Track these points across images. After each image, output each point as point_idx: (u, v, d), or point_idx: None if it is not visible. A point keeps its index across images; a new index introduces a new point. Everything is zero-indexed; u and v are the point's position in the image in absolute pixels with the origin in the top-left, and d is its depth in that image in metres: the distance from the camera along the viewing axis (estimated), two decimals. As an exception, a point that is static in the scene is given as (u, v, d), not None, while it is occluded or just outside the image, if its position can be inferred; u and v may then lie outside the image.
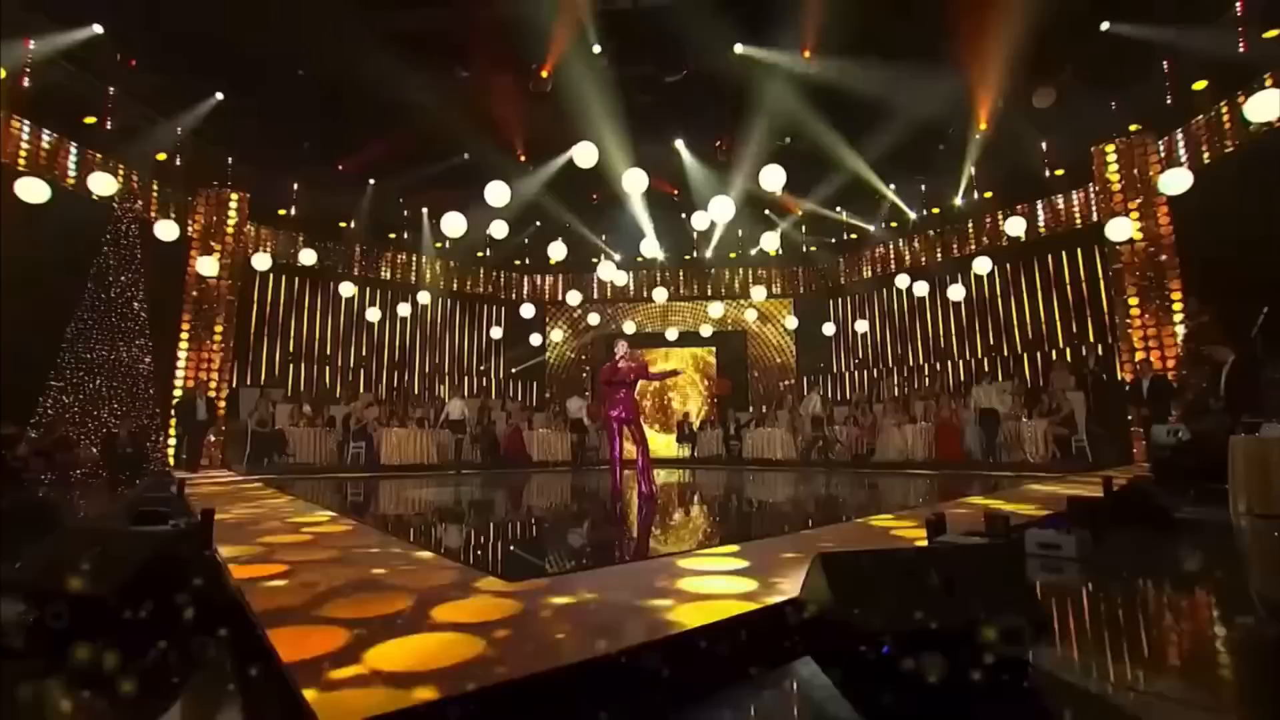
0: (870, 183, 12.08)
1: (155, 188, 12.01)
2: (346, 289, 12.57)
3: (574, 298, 12.39)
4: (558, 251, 10.67)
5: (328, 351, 14.26)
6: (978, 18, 8.96)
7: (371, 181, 13.29)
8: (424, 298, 13.15)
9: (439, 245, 14.66)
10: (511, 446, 12.28)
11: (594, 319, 13.87)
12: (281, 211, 13.59)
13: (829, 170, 11.65)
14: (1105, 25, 8.92)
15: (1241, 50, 9.09)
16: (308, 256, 12.36)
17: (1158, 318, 10.10)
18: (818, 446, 11.65)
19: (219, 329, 12.40)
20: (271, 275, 13.65)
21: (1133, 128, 10.54)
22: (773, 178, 8.32)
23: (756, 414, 13.50)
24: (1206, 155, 9.53)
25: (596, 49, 9.20)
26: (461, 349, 15.91)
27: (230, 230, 12.68)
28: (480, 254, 15.63)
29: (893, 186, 12.81)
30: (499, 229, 10.31)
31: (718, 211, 8.44)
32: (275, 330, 13.82)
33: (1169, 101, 10.12)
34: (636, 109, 10.46)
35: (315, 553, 3.41)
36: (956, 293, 11.09)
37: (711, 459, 12.96)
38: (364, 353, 14.58)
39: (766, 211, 12.99)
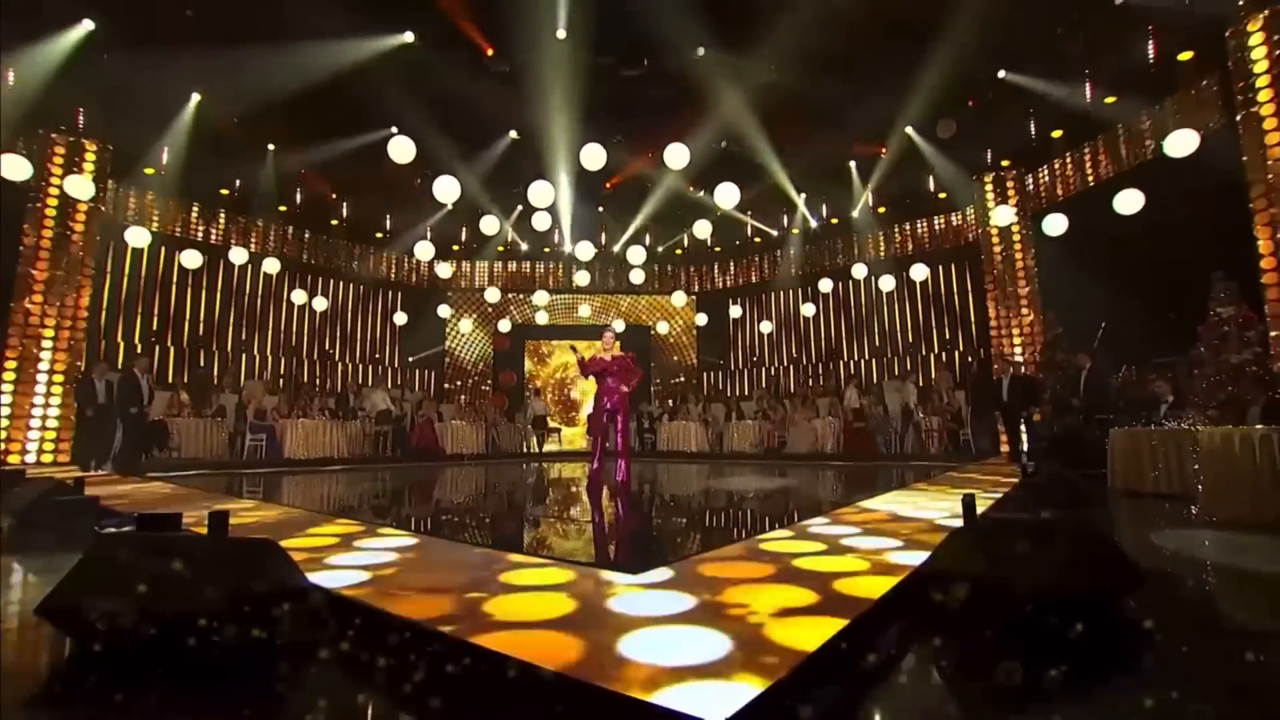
0: (783, 191, 12.89)
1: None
2: (238, 255, 11.15)
3: (492, 294, 11.98)
4: (490, 227, 10.27)
5: (200, 332, 12.74)
6: (902, 51, 9.92)
7: (271, 147, 11.99)
8: (320, 304, 12.08)
9: (335, 223, 13.60)
10: (423, 439, 11.75)
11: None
12: (149, 171, 11.88)
13: (748, 176, 12.27)
14: (1002, 73, 10.19)
15: (1089, 107, 10.88)
16: (190, 259, 10.67)
17: (1020, 327, 11.81)
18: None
19: (70, 304, 10.63)
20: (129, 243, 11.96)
21: (1004, 163, 12.20)
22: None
23: (667, 407, 13.92)
24: (1060, 191, 11.28)
25: (561, 34, 9.07)
26: (365, 335, 14.89)
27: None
28: (379, 234, 14.67)
29: (803, 196, 13.78)
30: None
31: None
32: (133, 306, 12.13)
33: (1033, 143, 11.86)
34: (584, 99, 10.46)
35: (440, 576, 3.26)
36: (889, 283, 11.89)
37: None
38: (244, 336, 13.19)
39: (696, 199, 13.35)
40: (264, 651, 2.15)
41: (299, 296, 11.46)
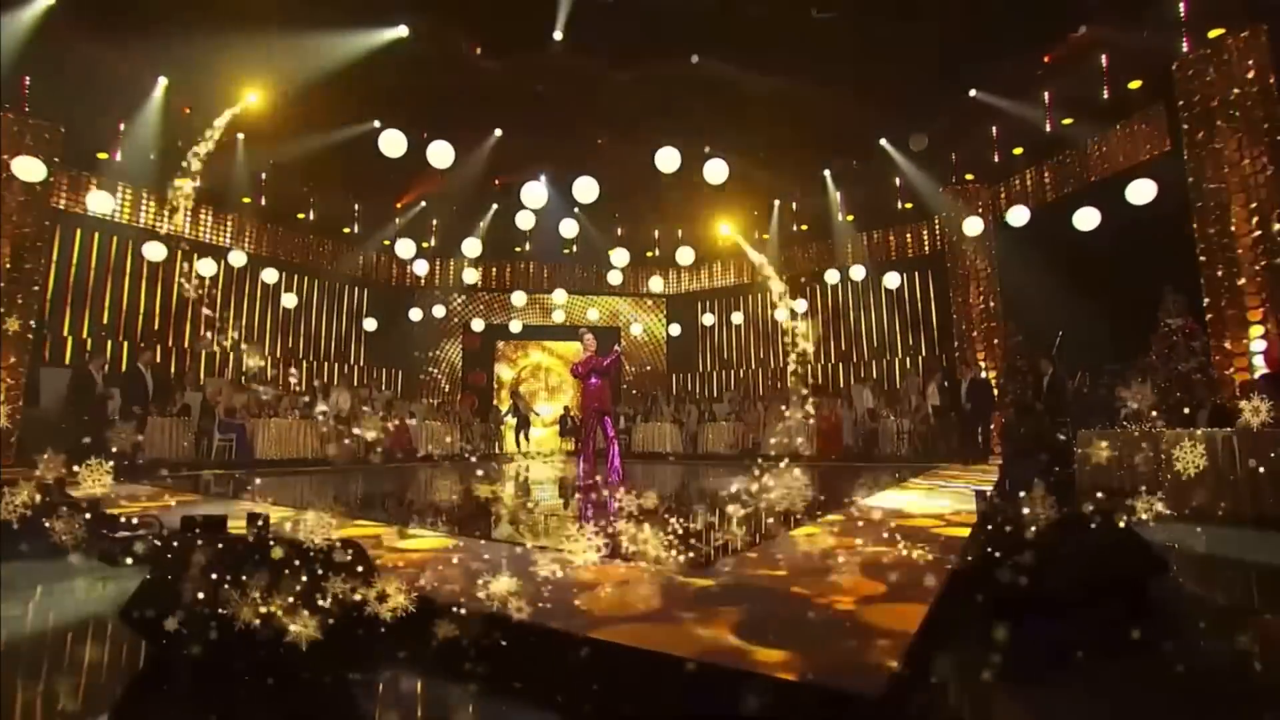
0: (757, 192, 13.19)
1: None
2: (207, 268, 10.70)
3: (470, 275, 11.86)
4: (471, 248, 10.15)
5: (155, 327, 12.14)
6: (879, 65, 10.30)
7: (241, 137, 11.52)
8: (237, 259, 11.55)
9: (301, 217, 13.19)
10: (398, 440, 11.53)
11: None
12: (103, 155, 11.25)
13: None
14: (973, 92, 10.70)
15: (1049, 129, 11.54)
16: (154, 251, 10.11)
17: (983, 333, 12.40)
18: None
19: (16, 296, 9.98)
20: (80, 231, 11.35)
21: (968, 176, 12.80)
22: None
23: (642, 408, 14.04)
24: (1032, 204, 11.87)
25: (559, 35, 9.06)
26: (332, 334, 14.54)
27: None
28: (347, 230, 14.29)
29: (776, 202, 14.12)
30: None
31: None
32: (83, 299, 11.48)
33: (997, 159, 12.49)
34: (567, 99, 10.48)
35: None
36: (860, 272, 12.49)
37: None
38: (204, 331, 12.64)
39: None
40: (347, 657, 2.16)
41: (289, 300, 11.16)
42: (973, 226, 10.36)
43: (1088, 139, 11.34)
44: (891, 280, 11.05)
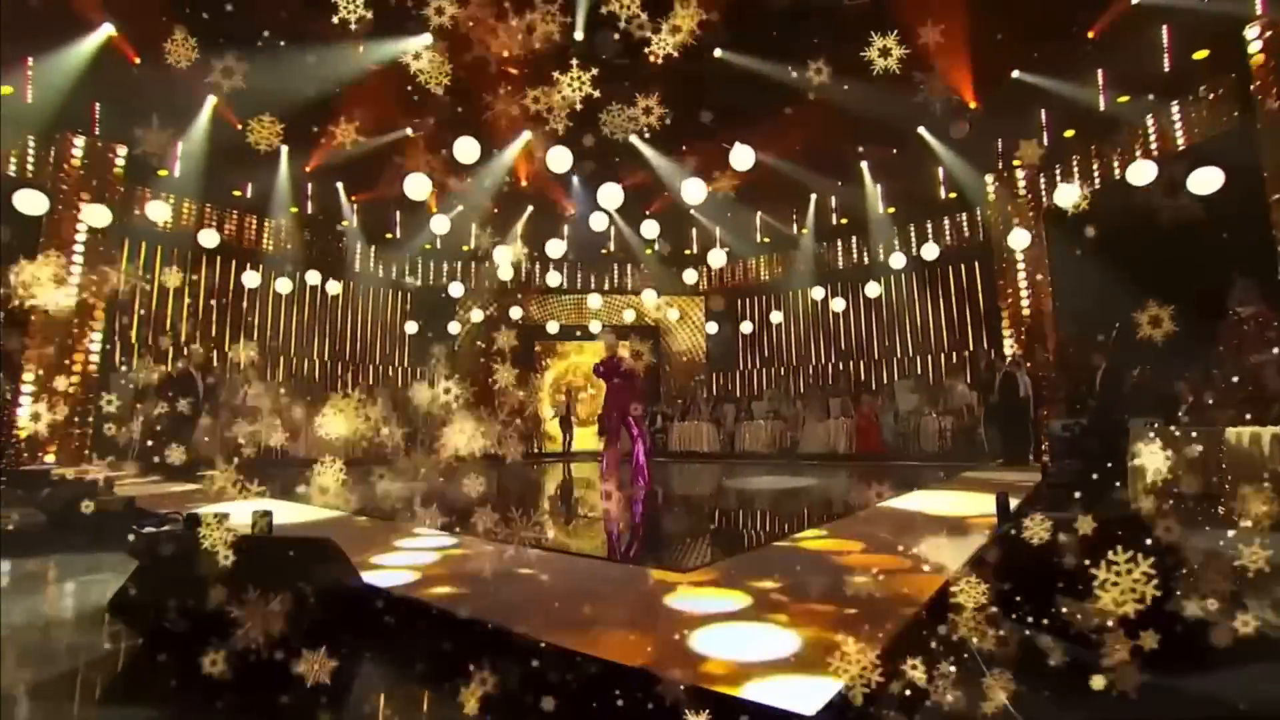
0: (794, 188, 12.93)
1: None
2: (251, 280, 11.28)
3: (505, 271, 11.99)
4: (503, 256, 10.29)
5: (213, 334, 12.76)
6: (919, 47, 9.87)
7: (285, 149, 12.00)
8: (333, 288, 12.18)
9: (346, 224, 13.63)
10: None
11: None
12: (163, 172, 11.87)
13: (758, 175, 12.24)
14: (1016, 74, 10.15)
15: (1102, 108, 10.84)
16: (208, 238, 10.84)
17: (1031, 325, 11.74)
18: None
19: (88, 301, 10.61)
20: (145, 243, 12.01)
21: (1015, 163, 12.14)
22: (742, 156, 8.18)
23: (680, 407, 13.91)
24: (1086, 190, 11.21)
25: (579, 35, 9.05)
26: (378, 337, 15.01)
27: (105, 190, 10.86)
28: (388, 235, 14.67)
29: (814, 196, 13.78)
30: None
31: (690, 194, 8.38)
32: (149, 306, 12.17)
33: (1046, 144, 11.80)
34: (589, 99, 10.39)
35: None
36: (871, 290, 12.24)
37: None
38: (256, 337, 13.22)
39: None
40: (317, 648, 2.09)
41: (334, 287, 11.92)
42: (1019, 239, 9.94)
43: (1146, 116, 10.57)
44: (929, 253, 10.83)
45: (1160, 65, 10.01)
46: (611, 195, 8.05)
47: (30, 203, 8.54)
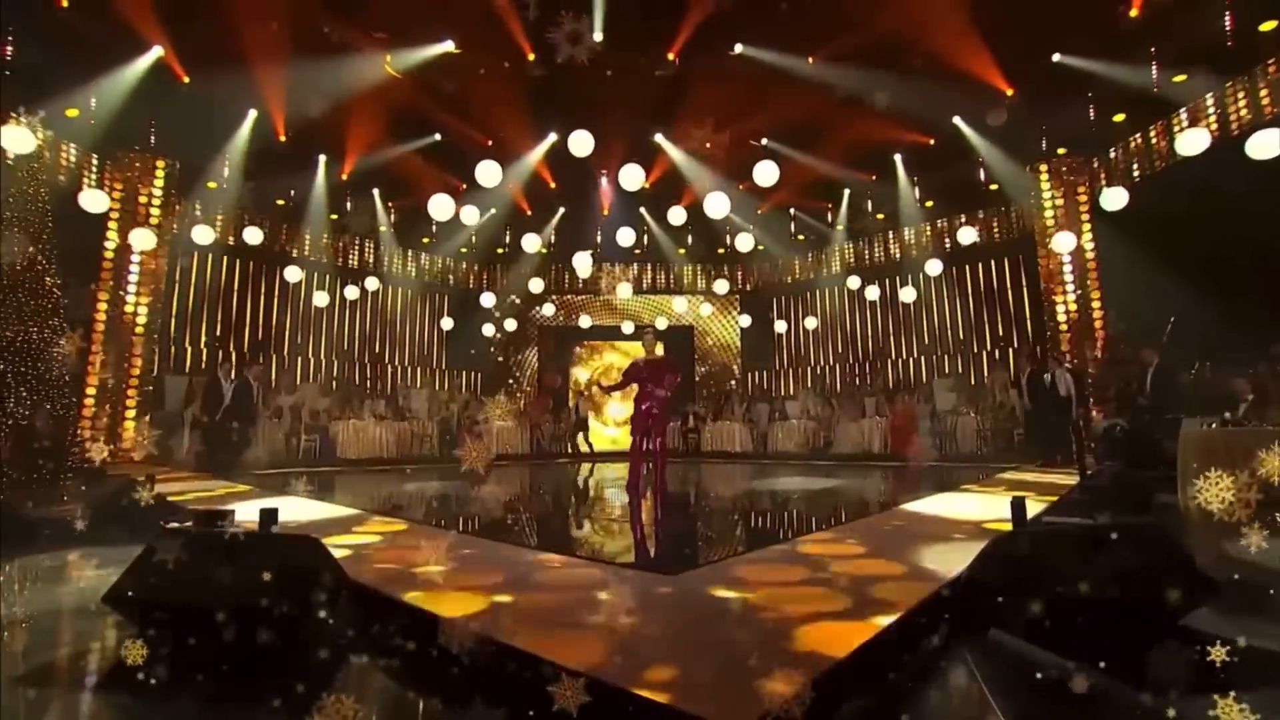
0: (827, 183, 12.72)
1: (64, 150, 10.65)
2: (293, 274, 11.66)
3: (536, 284, 12.15)
4: (531, 244, 10.37)
5: (259, 337, 13.26)
6: (949, 33, 9.57)
7: (323, 159, 12.36)
8: (371, 284, 12.52)
9: (384, 230, 13.99)
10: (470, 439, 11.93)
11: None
12: (212, 185, 12.41)
13: (789, 171, 12.02)
14: (1057, 56, 9.68)
15: (1155, 90, 10.22)
16: (253, 235, 11.30)
17: (1080, 324, 11.19)
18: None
19: (143, 309, 11.17)
20: (196, 254, 12.54)
21: (1060, 151, 11.59)
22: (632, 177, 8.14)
23: (713, 407, 13.82)
24: (1137, 176, 10.63)
25: (598, 36, 9.06)
26: (413, 339, 15.31)
27: (157, 203, 11.43)
28: (425, 239, 14.98)
29: (848, 191, 13.45)
30: (470, 215, 9.94)
31: (713, 207, 8.37)
32: (199, 314, 12.72)
33: (1092, 129, 11.21)
34: (615, 99, 10.45)
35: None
36: (907, 295, 11.76)
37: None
38: (299, 339, 13.68)
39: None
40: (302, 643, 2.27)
41: (351, 292, 12.14)
42: (1064, 243, 9.64)
43: (1203, 96, 9.91)
44: (966, 237, 10.55)
45: (1222, 38, 9.35)
46: (633, 176, 8.00)
47: (94, 201, 9.02)
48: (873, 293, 12.19)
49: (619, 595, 2.57)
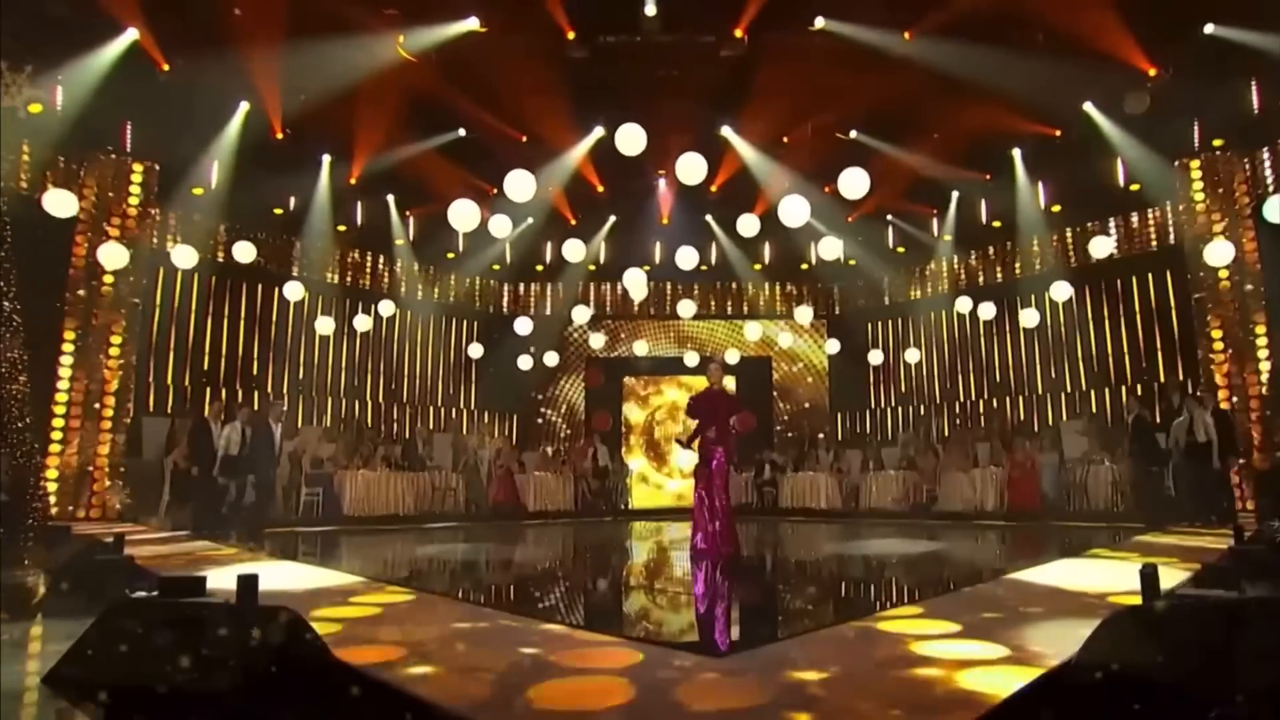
0: (931, 185, 12.85)
1: (26, 150, 10.68)
2: (294, 291, 11.65)
3: (581, 313, 12.19)
4: (574, 253, 10.24)
5: (254, 372, 13.30)
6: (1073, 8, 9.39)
7: (327, 159, 12.63)
8: (386, 308, 12.55)
9: (400, 243, 14.10)
10: (502, 492, 12.16)
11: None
12: (197, 190, 12.49)
13: (885, 169, 11.88)
14: (1210, 28, 9.59)
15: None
16: (244, 252, 11.22)
17: (1241, 352, 10.84)
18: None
19: (116, 339, 11.16)
20: (179, 275, 12.58)
21: (1216, 143, 11.22)
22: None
23: (795, 455, 14.04)
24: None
25: (650, 10, 8.99)
26: (435, 373, 15.60)
27: (133, 213, 11.50)
28: (449, 254, 15.08)
29: (956, 194, 13.65)
30: (501, 226, 9.82)
31: (789, 214, 8.21)
32: (184, 344, 12.74)
33: (1257, 116, 10.85)
34: (673, 86, 10.35)
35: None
36: (1029, 318, 11.92)
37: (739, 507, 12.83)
38: (300, 374, 13.81)
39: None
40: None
41: (362, 322, 12.28)
42: (1219, 254, 9.69)
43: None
44: (1100, 248, 10.53)
45: None
46: (693, 168, 8.01)
47: (60, 204, 9.06)
48: (987, 314, 12.21)
49: (654, 681, 2.56)
